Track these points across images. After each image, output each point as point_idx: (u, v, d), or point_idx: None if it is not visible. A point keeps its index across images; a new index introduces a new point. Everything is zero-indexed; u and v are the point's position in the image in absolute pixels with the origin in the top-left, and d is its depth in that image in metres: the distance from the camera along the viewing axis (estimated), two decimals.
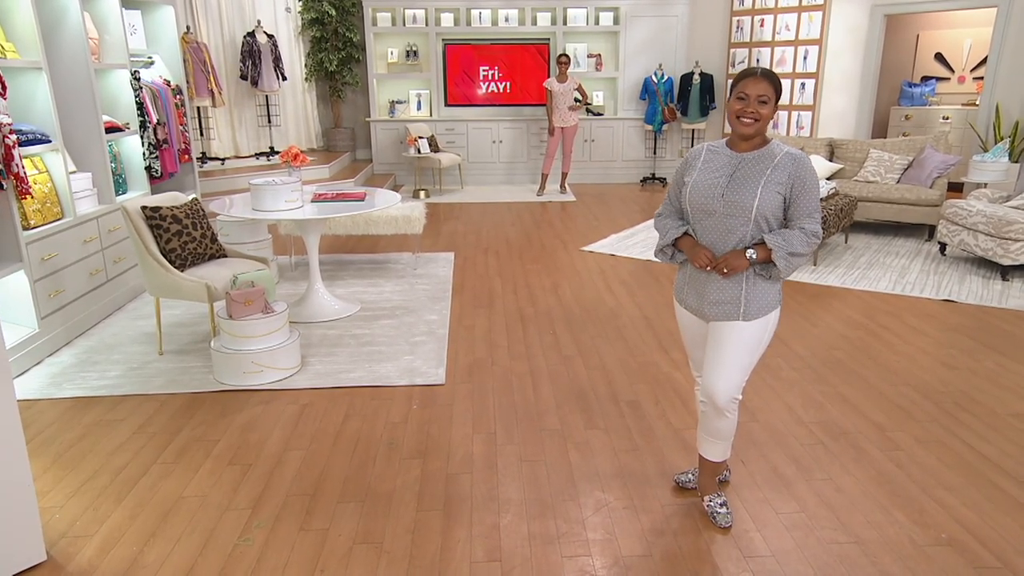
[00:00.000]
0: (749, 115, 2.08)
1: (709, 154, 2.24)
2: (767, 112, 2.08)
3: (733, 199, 2.12)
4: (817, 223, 2.15)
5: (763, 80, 2.07)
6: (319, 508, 2.48)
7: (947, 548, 2.24)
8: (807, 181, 2.11)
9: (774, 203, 2.11)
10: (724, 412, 2.26)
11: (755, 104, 2.07)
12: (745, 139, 2.14)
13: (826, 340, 3.97)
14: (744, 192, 2.11)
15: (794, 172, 2.10)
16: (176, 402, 3.28)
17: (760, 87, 2.06)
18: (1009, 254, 4.88)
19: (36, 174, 3.86)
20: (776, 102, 2.10)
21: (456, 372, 3.59)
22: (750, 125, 2.09)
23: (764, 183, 2.10)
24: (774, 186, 2.10)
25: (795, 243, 2.11)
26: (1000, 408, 3.16)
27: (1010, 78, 7.08)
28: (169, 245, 3.73)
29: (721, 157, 2.20)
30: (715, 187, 2.15)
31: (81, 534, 2.34)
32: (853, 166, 6.76)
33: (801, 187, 2.11)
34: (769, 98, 2.07)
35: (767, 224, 2.14)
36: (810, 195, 2.12)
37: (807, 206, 2.13)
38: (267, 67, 8.12)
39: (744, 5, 8.70)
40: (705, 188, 2.17)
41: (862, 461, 2.75)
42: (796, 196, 2.12)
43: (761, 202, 2.10)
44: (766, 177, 2.11)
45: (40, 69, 3.83)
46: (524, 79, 9.29)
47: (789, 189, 2.11)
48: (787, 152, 2.13)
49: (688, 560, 2.21)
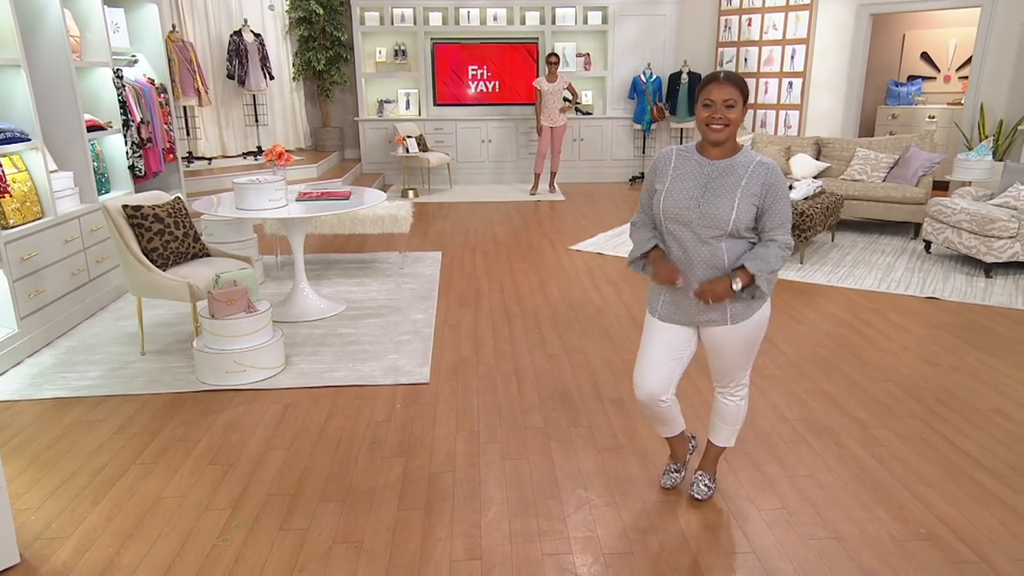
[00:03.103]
0: (717, 121, 2.03)
1: (680, 160, 2.17)
2: (735, 116, 2.03)
3: (709, 211, 2.07)
4: (789, 233, 2.11)
5: (727, 84, 2.01)
6: (299, 508, 2.46)
7: (926, 543, 2.25)
8: (779, 190, 2.07)
9: (749, 214, 2.07)
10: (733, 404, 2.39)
11: (722, 109, 2.02)
12: (716, 145, 2.10)
13: (811, 338, 3.98)
14: (721, 204, 2.06)
15: (767, 181, 2.06)
16: (157, 402, 3.26)
17: (725, 91, 2.01)
18: (992, 252, 4.91)
19: (15, 173, 3.82)
20: (744, 104, 2.05)
21: (441, 371, 3.57)
22: (720, 131, 2.04)
23: (740, 194, 2.06)
24: (749, 197, 2.06)
25: (773, 261, 2.07)
26: (981, 404, 3.18)
27: (994, 77, 7.13)
28: (151, 244, 3.69)
29: (693, 164, 2.14)
30: (690, 197, 2.10)
31: (56, 536, 2.32)
32: (840, 165, 6.79)
33: (774, 197, 2.07)
34: (736, 101, 2.02)
35: (740, 235, 2.11)
36: (783, 204, 2.09)
37: (780, 216, 2.09)
38: (254, 66, 8.08)
39: (732, 4, 8.72)
40: (680, 198, 2.11)
41: (844, 458, 2.75)
42: (769, 206, 2.07)
43: (738, 215, 2.06)
44: (742, 188, 2.06)
45: (18, 67, 3.79)
46: (513, 78, 9.29)
47: (762, 199, 2.07)
48: (759, 161, 2.09)
49: (669, 557, 2.20)
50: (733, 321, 2.18)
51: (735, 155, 2.11)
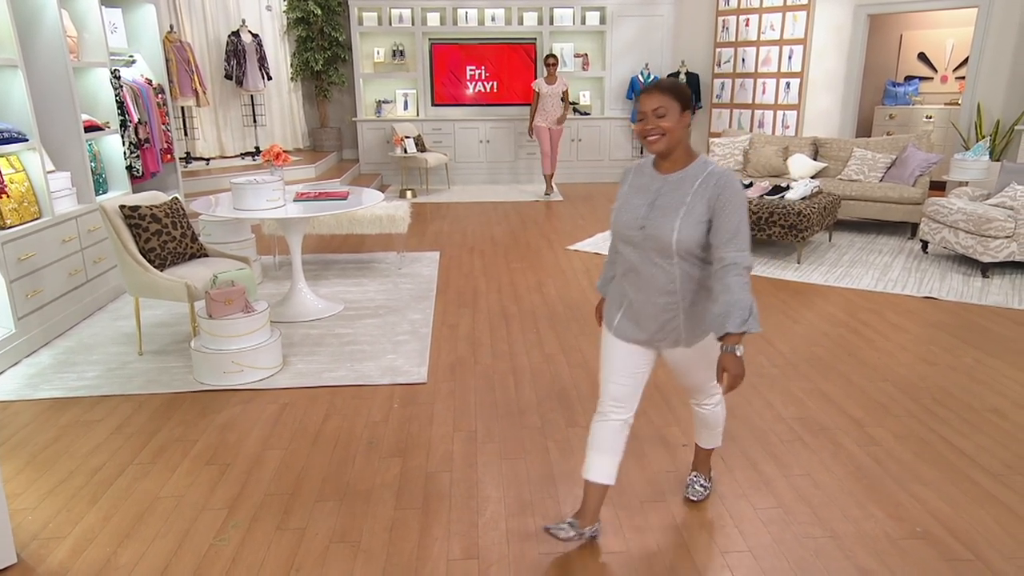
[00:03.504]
0: (651, 132, 1.91)
1: (635, 175, 2.06)
2: (670, 124, 1.89)
3: (652, 232, 1.94)
4: (744, 249, 1.89)
5: (655, 92, 1.89)
6: (296, 507, 2.46)
7: (921, 542, 2.26)
8: (730, 201, 1.88)
9: (695, 235, 1.91)
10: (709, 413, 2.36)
11: (653, 119, 1.89)
12: (662, 158, 1.97)
13: (808, 337, 3.99)
14: (663, 224, 1.92)
15: (715, 196, 1.89)
16: (155, 402, 3.26)
17: (654, 100, 1.88)
18: (989, 251, 4.92)
19: (12, 173, 3.82)
20: (682, 110, 1.89)
21: (438, 371, 3.58)
22: (655, 142, 1.91)
23: (684, 214, 1.91)
24: (695, 215, 1.90)
25: (744, 300, 1.85)
26: (977, 403, 3.19)
27: (991, 78, 7.15)
28: (148, 244, 3.70)
29: (646, 179, 2.02)
30: (635, 216, 1.98)
31: (53, 536, 2.32)
32: (837, 165, 6.80)
33: (723, 209, 1.88)
34: (667, 109, 1.88)
35: (693, 257, 1.95)
36: (733, 216, 1.88)
37: (729, 228, 1.88)
38: (252, 67, 8.08)
39: (729, 5, 8.73)
40: (625, 217, 2.00)
41: (840, 456, 2.76)
42: (719, 221, 1.89)
43: (681, 236, 1.90)
44: (686, 206, 1.91)
45: (16, 67, 3.79)
46: (511, 79, 9.29)
47: (713, 214, 1.90)
48: (709, 171, 1.93)
49: (665, 556, 2.21)
50: (688, 343, 2.08)
51: (687, 166, 1.96)
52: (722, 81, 8.95)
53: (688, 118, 1.93)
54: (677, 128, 1.90)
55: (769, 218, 5.41)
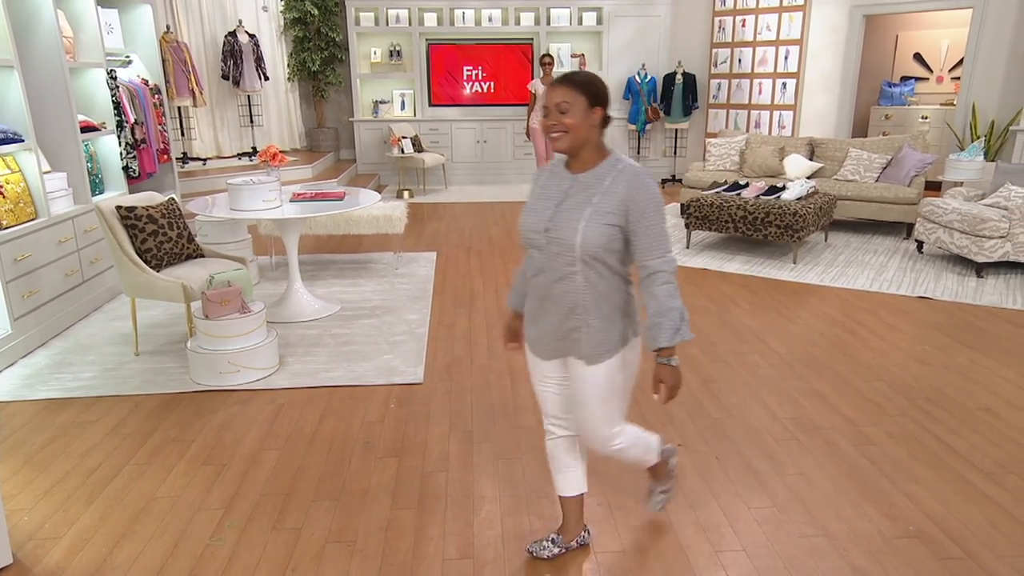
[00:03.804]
0: (554, 128, 1.77)
1: (546, 176, 1.93)
2: (573, 121, 1.75)
3: (556, 234, 1.80)
4: (667, 254, 1.79)
5: (560, 86, 1.76)
6: (293, 507, 2.47)
7: (914, 540, 2.27)
8: (644, 204, 1.75)
9: (604, 238, 1.76)
10: (613, 455, 2.03)
11: (555, 114, 1.76)
12: (570, 156, 1.84)
13: (803, 337, 4.01)
14: (567, 226, 1.78)
15: (627, 197, 1.75)
16: (151, 403, 3.26)
17: (558, 94, 1.75)
18: (983, 251, 4.94)
19: (8, 173, 3.82)
20: (589, 105, 1.76)
21: (434, 371, 3.58)
22: (558, 139, 1.78)
23: (590, 215, 1.76)
24: (601, 217, 1.76)
25: (673, 303, 1.78)
26: (970, 403, 3.21)
27: (985, 78, 7.17)
28: (145, 245, 3.70)
29: (555, 179, 1.89)
30: (541, 218, 1.84)
31: (49, 536, 2.32)
32: (833, 165, 6.82)
33: (639, 213, 1.75)
34: (571, 104, 1.74)
35: (603, 264, 1.80)
36: (650, 222, 1.76)
37: (649, 236, 1.77)
38: (249, 67, 8.08)
39: (726, 5, 8.75)
40: (531, 219, 1.86)
41: (834, 456, 2.77)
42: (635, 228, 1.77)
43: (585, 239, 1.75)
44: (593, 206, 1.77)
45: (11, 67, 3.79)
46: (508, 79, 9.30)
47: (624, 219, 1.77)
48: (620, 168, 1.79)
49: (660, 555, 2.22)
50: (590, 360, 1.88)
51: (597, 165, 1.83)
52: (719, 81, 8.96)
53: (599, 115, 1.79)
54: (582, 126, 1.77)
55: (765, 218, 5.43)
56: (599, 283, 1.83)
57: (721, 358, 3.71)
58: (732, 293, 4.79)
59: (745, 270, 5.31)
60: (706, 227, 5.76)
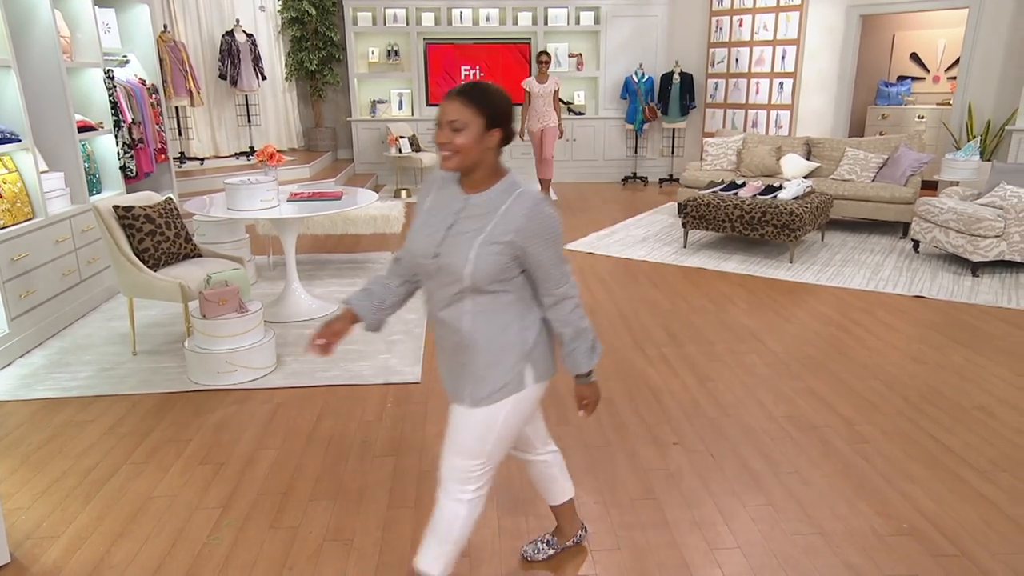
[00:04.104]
0: (444, 147, 1.59)
1: (439, 189, 1.73)
2: (466, 142, 1.56)
3: (445, 262, 1.62)
4: (569, 281, 1.68)
5: (454, 100, 1.56)
6: (290, 506, 2.48)
7: (908, 538, 2.28)
8: (540, 235, 1.60)
9: (496, 267, 1.60)
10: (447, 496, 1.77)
11: (447, 132, 1.58)
12: (465, 175, 1.66)
13: (799, 336, 4.02)
14: (457, 253, 1.60)
15: (525, 227, 1.59)
16: (148, 402, 3.26)
17: (451, 110, 1.56)
18: (979, 251, 4.96)
19: (6, 173, 3.82)
20: (486, 127, 1.58)
21: (432, 370, 3.59)
22: (448, 159, 1.59)
23: (484, 239, 1.59)
24: (495, 247, 1.59)
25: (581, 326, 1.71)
26: (965, 401, 3.22)
27: (981, 78, 7.20)
28: (142, 245, 3.70)
29: (447, 198, 1.69)
30: (431, 242, 1.66)
31: (47, 535, 2.33)
32: (830, 164, 6.84)
33: (539, 247, 1.61)
34: (466, 123, 1.56)
35: (497, 296, 1.64)
36: (547, 253, 1.62)
37: (547, 268, 1.64)
38: (246, 67, 8.07)
39: (723, 5, 8.76)
40: (420, 243, 1.68)
41: (829, 454, 2.79)
42: (535, 260, 1.62)
43: (476, 268, 1.59)
44: (486, 234, 1.60)
45: (9, 67, 3.79)
46: (506, 78, 9.30)
47: (522, 249, 1.60)
48: (518, 194, 1.62)
49: (655, 553, 2.23)
50: (474, 402, 1.70)
51: (492, 187, 1.65)
52: (716, 81, 8.98)
53: (496, 137, 1.61)
54: (475, 148, 1.58)
55: (762, 218, 5.44)
56: (493, 316, 1.66)
57: (718, 357, 3.72)
58: (729, 292, 4.80)
59: (742, 269, 5.33)
60: (703, 227, 5.77)
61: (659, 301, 4.62)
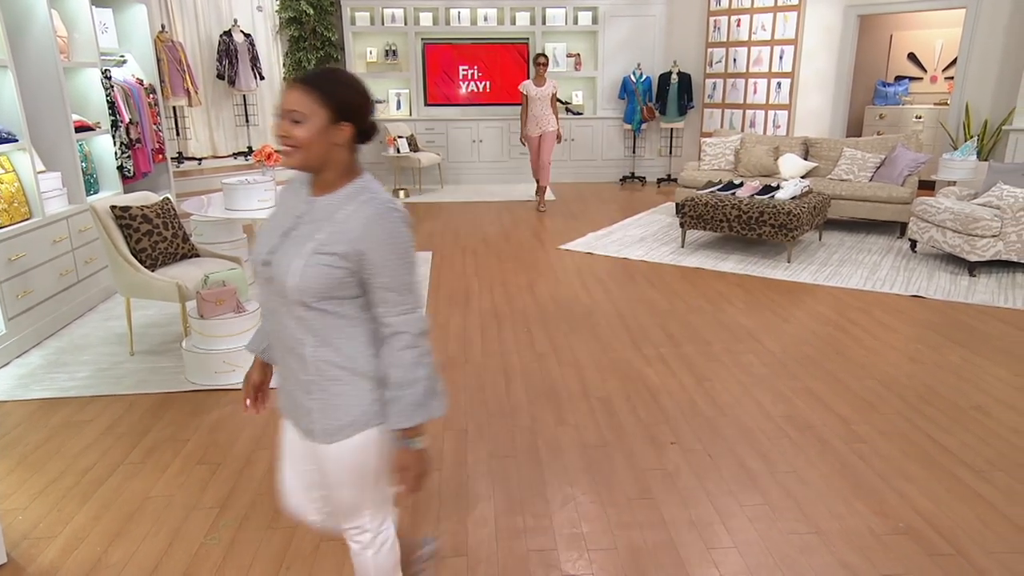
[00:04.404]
0: (282, 141, 1.40)
1: (287, 193, 1.54)
2: (306, 135, 1.37)
3: (274, 271, 1.42)
4: (415, 312, 1.44)
5: (295, 89, 1.38)
6: None
7: (905, 537, 2.29)
8: (386, 251, 1.39)
9: (325, 282, 1.38)
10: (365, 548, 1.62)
11: (287, 124, 1.38)
12: (316, 175, 1.46)
13: (797, 336, 4.02)
14: (286, 262, 1.40)
15: (363, 237, 1.38)
16: (146, 402, 3.26)
17: (290, 99, 1.37)
18: (976, 250, 4.97)
19: (3, 173, 3.82)
20: (333, 120, 1.38)
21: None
22: (288, 155, 1.40)
23: (312, 251, 1.39)
24: (326, 257, 1.38)
25: (415, 375, 1.43)
26: (962, 401, 3.23)
27: (979, 78, 7.21)
28: (139, 245, 3.70)
29: (294, 199, 1.51)
30: (263, 248, 1.47)
31: (44, 535, 2.33)
32: (827, 164, 6.85)
33: (378, 262, 1.39)
34: (306, 115, 1.36)
35: (323, 312, 1.41)
36: (394, 273, 1.40)
37: (391, 290, 1.41)
38: (244, 66, 8.07)
39: (721, 5, 8.77)
40: (259, 247, 1.49)
41: (826, 454, 2.79)
42: (372, 277, 1.41)
43: (303, 281, 1.38)
44: (317, 243, 1.39)
45: (5, 67, 3.78)
46: (504, 78, 9.31)
47: (358, 263, 1.39)
48: (363, 202, 1.41)
49: (653, 553, 2.23)
50: (326, 437, 1.47)
51: (338, 190, 1.45)
52: (714, 81, 8.98)
53: (347, 133, 1.41)
54: (318, 143, 1.39)
55: (759, 217, 5.45)
56: (337, 337, 1.44)
57: (715, 357, 3.73)
58: (727, 292, 4.81)
59: (740, 269, 5.33)
60: (701, 226, 5.78)
61: (657, 301, 4.63)
